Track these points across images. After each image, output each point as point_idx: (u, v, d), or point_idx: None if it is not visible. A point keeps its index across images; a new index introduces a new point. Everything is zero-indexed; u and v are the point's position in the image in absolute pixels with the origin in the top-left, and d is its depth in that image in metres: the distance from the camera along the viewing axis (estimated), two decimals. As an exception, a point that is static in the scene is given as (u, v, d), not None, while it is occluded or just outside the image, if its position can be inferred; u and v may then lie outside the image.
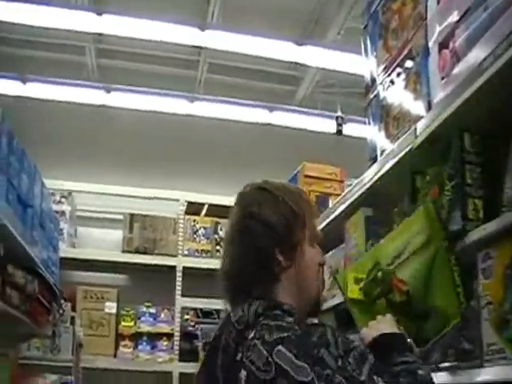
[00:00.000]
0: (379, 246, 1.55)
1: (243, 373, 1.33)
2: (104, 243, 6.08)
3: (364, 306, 1.48)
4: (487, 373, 1.56)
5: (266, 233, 1.46)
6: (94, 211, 6.33)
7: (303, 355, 1.27)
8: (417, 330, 1.43)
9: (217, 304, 5.75)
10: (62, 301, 4.37)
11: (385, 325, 1.45)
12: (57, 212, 5.29)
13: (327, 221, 2.92)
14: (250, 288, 1.47)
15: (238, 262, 1.49)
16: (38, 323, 3.44)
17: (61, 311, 4.21)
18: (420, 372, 1.34)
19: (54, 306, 3.89)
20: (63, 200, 5.78)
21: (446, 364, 1.73)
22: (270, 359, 1.29)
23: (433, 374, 1.39)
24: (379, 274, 1.45)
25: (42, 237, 3.85)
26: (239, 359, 1.35)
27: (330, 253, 2.91)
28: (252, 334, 1.36)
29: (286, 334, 1.32)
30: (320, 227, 2.97)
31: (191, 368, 5.25)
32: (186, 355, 5.75)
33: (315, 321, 1.47)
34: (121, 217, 6.16)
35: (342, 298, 1.55)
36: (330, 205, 3.17)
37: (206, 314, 5.98)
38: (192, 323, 5.96)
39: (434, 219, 1.50)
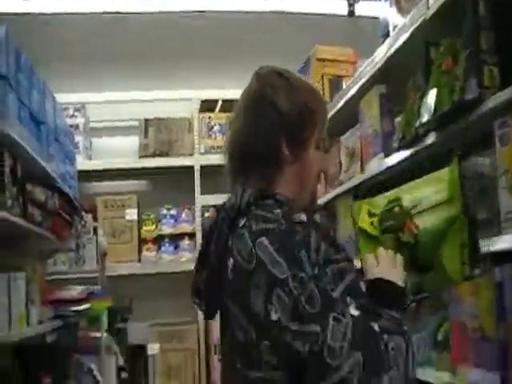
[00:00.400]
0: (400, 190, 1.55)
1: (230, 261, 1.33)
2: (120, 152, 6.13)
3: (371, 237, 1.51)
4: (505, 240, 1.58)
5: (276, 118, 1.42)
6: (108, 120, 6.34)
7: (283, 251, 1.25)
8: (415, 278, 1.43)
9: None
10: (83, 213, 4.49)
11: (390, 269, 1.38)
12: (71, 126, 5.34)
13: (341, 103, 2.97)
14: (249, 172, 1.44)
15: (243, 139, 1.46)
16: (61, 238, 3.58)
17: (82, 223, 4.34)
18: (396, 337, 1.27)
19: (76, 218, 4.01)
20: (76, 113, 5.80)
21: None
22: (252, 250, 1.28)
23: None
24: (397, 208, 1.45)
25: (59, 152, 3.93)
26: (230, 246, 1.35)
27: (346, 134, 2.98)
28: (242, 223, 1.35)
29: (270, 226, 1.29)
30: (334, 110, 3.06)
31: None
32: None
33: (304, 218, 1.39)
34: (135, 123, 6.18)
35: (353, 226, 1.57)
36: (344, 86, 3.19)
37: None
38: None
39: (457, 182, 1.48)
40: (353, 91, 2.85)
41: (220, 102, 6.16)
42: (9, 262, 3.20)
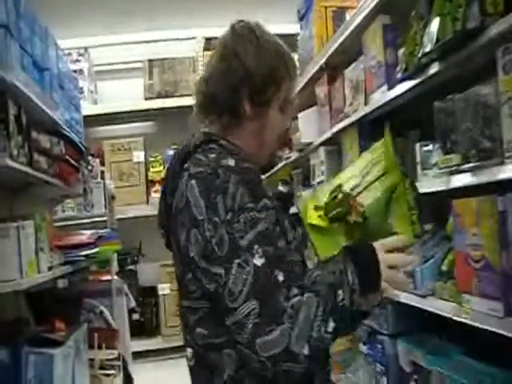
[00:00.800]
0: (339, 175, 1.54)
1: (175, 201, 1.41)
2: (125, 94, 6.11)
3: (322, 231, 1.47)
4: (508, 170, 1.59)
5: (241, 72, 1.46)
6: (112, 63, 6.29)
7: (203, 194, 1.32)
8: None
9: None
10: (90, 157, 4.50)
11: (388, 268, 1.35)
12: (75, 71, 5.30)
13: (345, 35, 2.93)
14: (210, 120, 1.53)
15: (208, 87, 1.51)
16: (68, 183, 3.59)
17: (89, 168, 4.36)
18: (339, 292, 1.29)
19: (82, 163, 4.02)
20: (80, 58, 5.76)
21: (467, 165, 1.78)
22: (184, 192, 1.36)
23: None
24: (340, 195, 1.43)
25: (63, 98, 3.92)
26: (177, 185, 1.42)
27: (350, 67, 2.95)
28: (186, 165, 1.41)
29: (201, 169, 1.36)
30: (338, 43, 3.02)
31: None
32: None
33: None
34: (139, 65, 6.13)
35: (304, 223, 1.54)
36: (348, 18, 3.13)
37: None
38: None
39: (391, 152, 1.45)
40: (356, 23, 2.79)
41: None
42: (17, 210, 3.24)
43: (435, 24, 1.90)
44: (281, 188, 5.37)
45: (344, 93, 3.07)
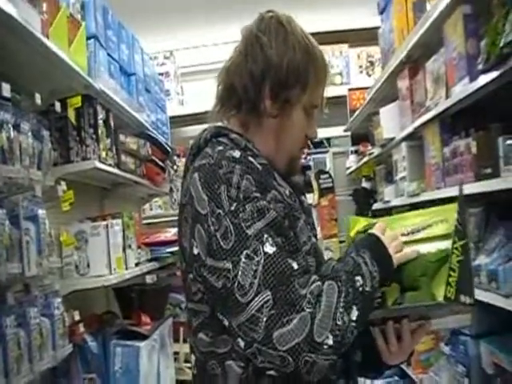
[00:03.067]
0: (399, 217, 1.45)
1: (180, 197, 1.34)
2: (211, 95, 6.20)
3: None
4: None
5: (264, 66, 1.34)
6: (197, 65, 6.42)
7: (206, 186, 1.23)
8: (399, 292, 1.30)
9: (325, 133, 5.86)
10: (176, 157, 4.63)
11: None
12: (161, 74, 5.46)
13: (425, 27, 2.86)
14: (229, 110, 1.40)
15: (231, 76, 1.39)
16: (155, 183, 3.73)
17: (175, 167, 4.49)
18: (358, 278, 1.21)
19: (168, 163, 4.15)
20: (166, 61, 5.91)
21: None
22: (188, 185, 1.27)
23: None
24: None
25: (149, 101, 4.07)
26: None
27: (431, 59, 2.89)
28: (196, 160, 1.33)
29: (204, 162, 1.27)
30: (418, 35, 2.96)
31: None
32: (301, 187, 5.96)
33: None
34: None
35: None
36: (428, 9, 3.07)
37: (317, 144, 6.06)
38: (303, 155, 6.07)
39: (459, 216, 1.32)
40: (436, 14, 2.73)
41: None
42: (108, 209, 3.39)
43: (518, 11, 1.84)
44: (364, 184, 5.33)
45: (425, 86, 3.01)
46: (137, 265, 3.05)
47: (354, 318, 1.18)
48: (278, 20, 1.39)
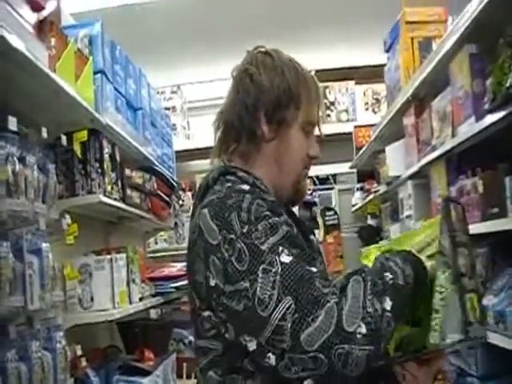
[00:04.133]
0: (405, 236, 1.41)
1: (189, 235, 1.34)
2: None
3: None
4: None
5: (256, 94, 1.39)
6: (204, 100, 6.46)
7: (215, 217, 1.23)
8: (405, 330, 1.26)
9: (331, 169, 5.86)
10: (181, 192, 4.63)
11: None
12: (168, 109, 5.50)
13: (432, 65, 2.89)
14: (229, 149, 1.44)
15: (226, 116, 1.43)
16: (160, 217, 3.72)
17: (180, 202, 4.48)
18: (387, 274, 1.17)
19: (174, 198, 4.15)
20: (173, 95, 5.96)
21: None
22: (197, 221, 1.28)
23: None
24: None
25: (155, 135, 4.08)
26: None
27: (438, 98, 2.90)
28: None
29: (213, 197, 1.29)
30: (425, 73, 2.98)
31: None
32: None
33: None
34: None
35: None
36: (434, 48, 3.09)
37: (323, 180, 6.05)
38: (309, 191, 6.07)
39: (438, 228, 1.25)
40: (442, 53, 2.75)
41: (313, 72, 6.09)
42: (113, 242, 3.38)
43: (525, 51, 1.85)
44: (370, 221, 5.32)
45: (431, 124, 3.02)
46: (141, 299, 3.03)
47: (388, 308, 1.13)
48: (264, 52, 1.45)
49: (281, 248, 1.17)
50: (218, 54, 6.09)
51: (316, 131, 1.49)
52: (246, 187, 1.30)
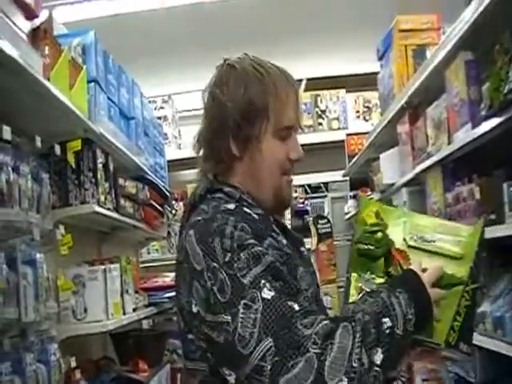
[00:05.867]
0: (413, 215, 1.39)
1: (177, 255, 1.32)
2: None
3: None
4: None
5: (220, 117, 1.36)
6: (195, 109, 6.45)
7: (200, 241, 1.21)
8: None
9: (323, 177, 5.84)
10: (174, 202, 4.61)
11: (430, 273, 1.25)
12: (159, 118, 5.48)
13: (426, 73, 2.89)
14: (207, 167, 1.41)
15: (200, 134, 1.42)
16: (152, 227, 3.70)
17: (173, 212, 4.46)
18: (385, 320, 1.14)
19: (166, 207, 4.13)
20: (164, 105, 5.95)
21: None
22: (183, 243, 1.26)
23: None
24: (380, 234, 1.28)
25: (148, 144, 4.06)
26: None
27: (433, 105, 2.90)
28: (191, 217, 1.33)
29: (199, 218, 1.27)
30: (419, 81, 2.98)
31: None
32: (299, 231, 5.94)
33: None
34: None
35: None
36: (428, 56, 3.09)
37: (314, 188, 6.04)
38: (301, 200, 6.02)
39: (475, 246, 1.29)
40: (437, 60, 2.75)
41: (304, 81, 6.10)
42: (106, 252, 3.35)
43: (521, 58, 1.85)
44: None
45: (426, 132, 3.02)
46: (134, 310, 3.00)
47: (378, 362, 1.10)
48: (229, 65, 1.41)
49: (263, 282, 1.14)
50: (209, 64, 6.08)
51: (297, 130, 1.44)
52: (231, 206, 1.28)
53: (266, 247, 1.21)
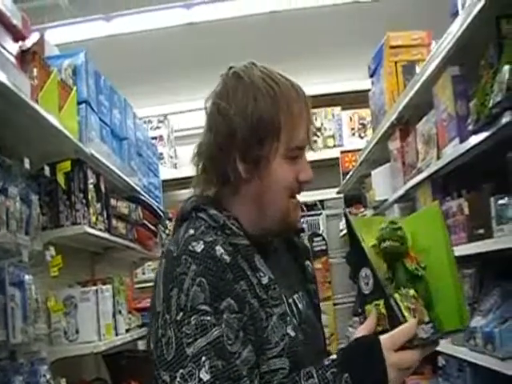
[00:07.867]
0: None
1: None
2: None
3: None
4: None
5: (227, 132, 1.22)
6: (191, 128, 6.47)
7: (164, 282, 1.16)
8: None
9: (319, 195, 5.84)
10: (168, 221, 4.60)
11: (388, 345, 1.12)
12: (155, 138, 5.50)
13: (415, 89, 2.91)
14: (206, 187, 1.29)
15: (201, 152, 1.28)
16: (146, 247, 3.69)
17: (167, 232, 4.45)
18: None
19: (160, 227, 4.12)
20: (160, 125, 5.97)
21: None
22: (158, 269, 1.21)
23: None
24: (400, 232, 1.22)
25: (141, 165, 4.07)
26: None
27: (422, 121, 2.92)
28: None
29: (171, 248, 1.19)
30: (408, 97, 3.00)
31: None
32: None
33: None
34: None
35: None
36: (418, 71, 3.12)
37: (310, 206, 6.04)
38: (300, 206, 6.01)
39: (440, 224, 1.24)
40: (425, 76, 2.77)
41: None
42: (99, 273, 3.34)
43: (505, 72, 1.86)
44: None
45: (416, 148, 3.03)
46: (127, 331, 2.99)
47: None
48: (235, 74, 1.27)
49: (203, 359, 1.09)
50: (205, 83, 6.11)
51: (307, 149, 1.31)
52: (199, 247, 1.16)
53: (222, 310, 1.13)
